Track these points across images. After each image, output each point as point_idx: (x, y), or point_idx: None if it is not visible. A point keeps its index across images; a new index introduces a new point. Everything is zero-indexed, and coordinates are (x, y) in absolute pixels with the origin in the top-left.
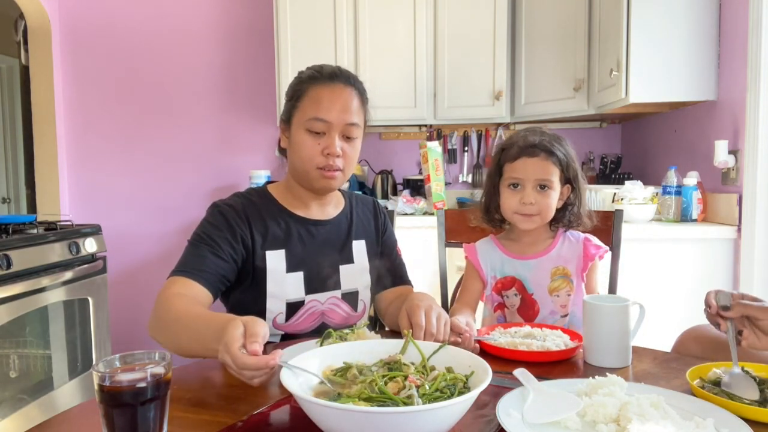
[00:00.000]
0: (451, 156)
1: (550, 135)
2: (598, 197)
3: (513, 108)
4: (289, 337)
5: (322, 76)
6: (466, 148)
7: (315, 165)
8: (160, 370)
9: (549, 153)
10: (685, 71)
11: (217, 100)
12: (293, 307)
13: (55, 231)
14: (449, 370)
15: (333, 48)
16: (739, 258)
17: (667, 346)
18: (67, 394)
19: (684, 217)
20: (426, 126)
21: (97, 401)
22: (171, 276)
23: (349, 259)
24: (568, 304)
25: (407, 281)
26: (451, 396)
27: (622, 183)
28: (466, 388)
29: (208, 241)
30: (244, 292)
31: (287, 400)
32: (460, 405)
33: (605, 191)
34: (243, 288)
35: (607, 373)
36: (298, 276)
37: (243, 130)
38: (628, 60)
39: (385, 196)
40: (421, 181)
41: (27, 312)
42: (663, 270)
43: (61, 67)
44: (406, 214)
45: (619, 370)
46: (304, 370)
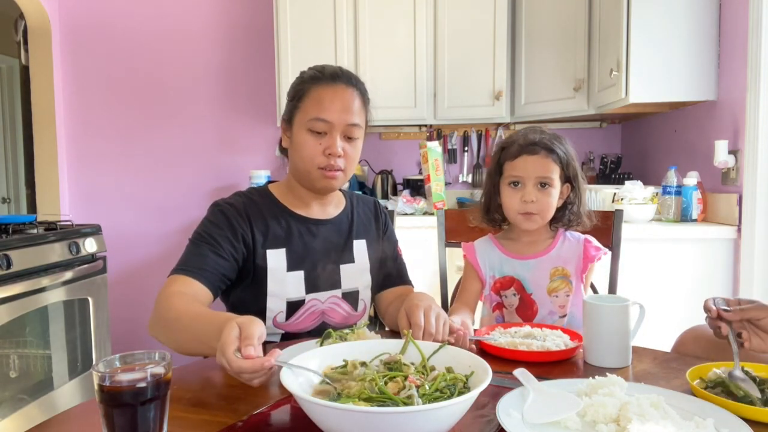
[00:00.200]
0: (451, 156)
1: (550, 134)
2: (598, 197)
3: (513, 108)
4: (289, 336)
5: (324, 76)
6: (466, 148)
7: (316, 165)
8: (160, 370)
9: (549, 150)
10: (685, 71)
11: (217, 100)
12: (293, 306)
13: (55, 231)
14: (449, 370)
15: (333, 48)
16: (739, 258)
17: (667, 346)
18: (67, 394)
19: (684, 217)
20: (426, 126)
21: (97, 401)
22: (172, 274)
23: (349, 259)
24: (567, 305)
25: (407, 281)
26: (451, 396)
27: (622, 183)
28: (466, 388)
29: (208, 239)
30: (244, 291)
31: (287, 400)
32: (460, 405)
33: (605, 191)
34: (243, 286)
35: (607, 373)
36: (299, 275)
37: (243, 130)
38: (628, 60)
39: (385, 196)
40: (421, 181)
41: (27, 312)
42: (663, 270)
43: (61, 67)
44: (406, 214)
45: (619, 370)
46: (303, 368)
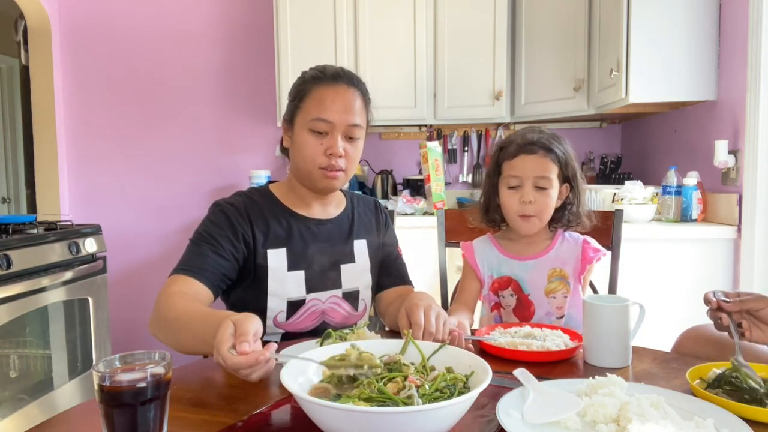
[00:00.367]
0: (451, 156)
1: (548, 133)
2: (598, 197)
3: (513, 108)
4: (289, 336)
5: (325, 76)
6: (466, 148)
7: (317, 165)
8: (160, 370)
9: (547, 150)
10: (685, 71)
11: (217, 100)
12: (294, 306)
13: (55, 231)
14: (449, 370)
15: (333, 48)
16: (739, 258)
17: (667, 346)
18: (67, 394)
19: (684, 217)
20: (426, 126)
21: (97, 401)
22: (172, 274)
23: (350, 259)
24: (565, 306)
25: (408, 281)
26: (451, 396)
27: (622, 183)
28: (466, 388)
29: (209, 239)
30: (245, 291)
31: (287, 400)
32: (460, 405)
33: (605, 191)
34: (244, 286)
35: (607, 373)
36: (299, 275)
37: (243, 130)
38: (628, 60)
39: (385, 196)
40: (421, 181)
41: (27, 312)
42: (663, 270)
43: (61, 67)
44: (406, 214)
45: (619, 370)
46: (303, 358)
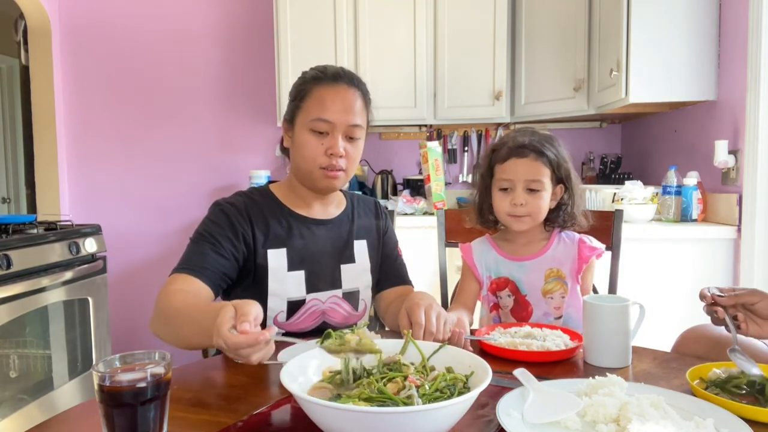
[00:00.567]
0: (451, 156)
1: (540, 135)
2: (598, 197)
3: (513, 108)
4: (289, 336)
5: (325, 76)
6: (466, 148)
7: (318, 165)
8: (160, 370)
9: (539, 153)
10: (685, 71)
11: (217, 100)
12: (294, 306)
13: (55, 231)
14: (449, 370)
15: (333, 48)
16: (739, 258)
17: (667, 346)
18: (67, 394)
19: (684, 217)
20: (426, 126)
21: (97, 401)
22: (173, 273)
23: (350, 259)
24: (562, 306)
25: (408, 281)
26: (451, 396)
27: (622, 183)
28: (466, 388)
29: (209, 238)
30: (245, 290)
31: (287, 400)
32: (460, 405)
33: (605, 191)
34: (244, 286)
35: (607, 373)
36: (300, 275)
37: (243, 130)
38: (628, 60)
39: (385, 196)
40: (421, 181)
41: (27, 312)
42: (663, 270)
43: (61, 67)
44: (406, 214)
45: (619, 370)
46: (293, 340)
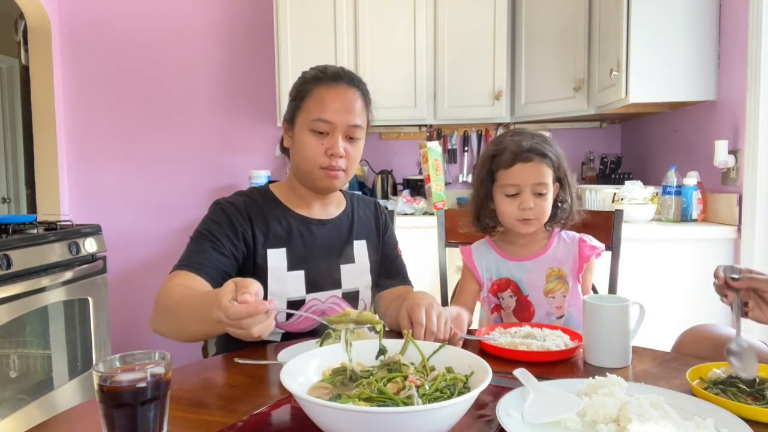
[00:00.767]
0: (451, 156)
1: (538, 136)
2: (598, 197)
3: (513, 108)
4: (289, 336)
5: (326, 76)
6: (466, 148)
7: (318, 165)
8: (160, 370)
9: (542, 156)
10: (685, 71)
11: (217, 100)
12: (294, 306)
13: (55, 231)
14: (449, 370)
15: (333, 48)
16: (739, 258)
17: (667, 346)
18: (67, 394)
19: (684, 217)
20: (426, 126)
21: (97, 401)
22: (173, 271)
23: (350, 259)
24: (564, 305)
25: (407, 282)
26: (451, 396)
27: (622, 183)
28: (466, 388)
29: (209, 236)
30: None
31: (287, 400)
32: (460, 405)
33: (605, 191)
34: None
35: (607, 373)
36: (299, 275)
37: (243, 130)
38: (628, 60)
39: (385, 196)
40: (421, 181)
41: (27, 312)
42: (663, 270)
43: (61, 67)
44: (406, 214)
45: (619, 370)
46: (297, 313)
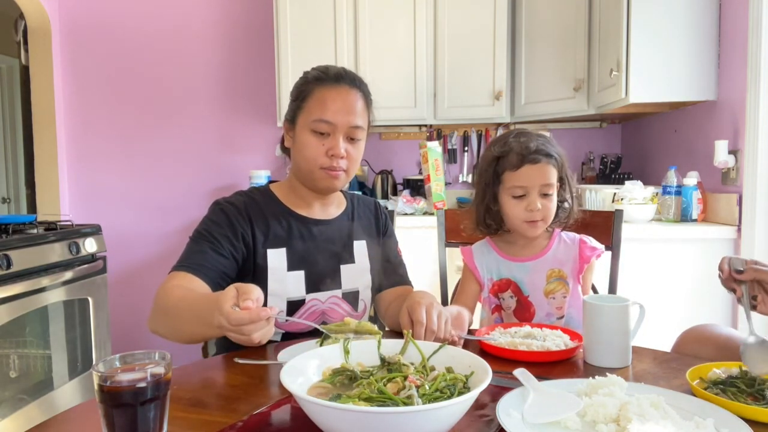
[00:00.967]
0: (451, 156)
1: (542, 137)
2: (598, 197)
3: (513, 108)
4: (289, 336)
5: (327, 77)
6: (466, 148)
7: (319, 165)
8: (160, 370)
9: (548, 156)
10: (685, 71)
11: (217, 100)
12: (294, 306)
13: (55, 231)
14: (449, 370)
15: (333, 48)
16: None
17: (667, 346)
18: (67, 394)
19: (684, 217)
20: (426, 126)
21: (97, 401)
22: (171, 271)
23: (350, 259)
24: (564, 306)
25: (407, 282)
26: (451, 396)
27: (622, 183)
28: (466, 388)
29: (208, 237)
30: None
31: (287, 400)
32: (460, 405)
33: (605, 191)
34: None
35: (607, 373)
36: (299, 275)
37: (243, 130)
38: (628, 60)
39: (385, 196)
40: (421, 181)
41: (27, 312)
42: (663, 270)
43: (61, 67)
44: (406, 214)
45: (619, 370)
46: (300, 320)
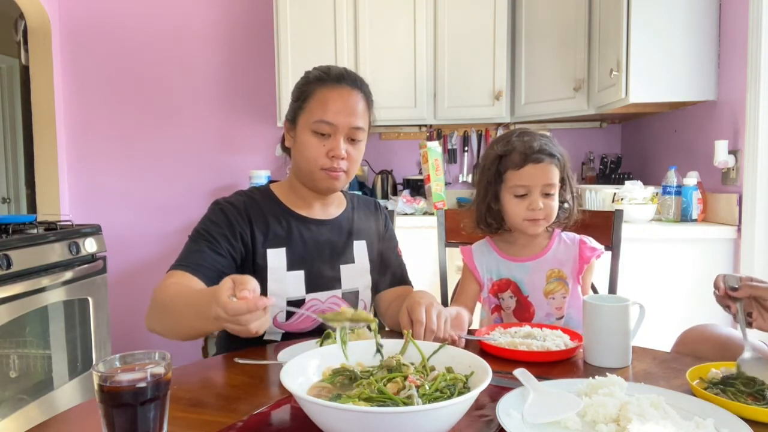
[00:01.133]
0: (451, 156)
1: (544, 137)
2: (598, 197)
3: (513, 108)
4: (289, 336)
5: (329, 77)
6: (466, 148)
7: (319, 166)
8: (160, 370)
9: (551, 156)
10: (685, 71)
11: (217, 100)
12: (294, 306)
13: (55, 231)
14: (449, 370)
15: (333, 48)
16: (739, 258)
17: (667, 346)
18: (67, 394)
19: (684, 217)
20: (426, 126)
21: (97, 401)
22: (170, 270)
23: (350, 259)
24: (564, 307)
25: (407, 282)
26: (451, 396)
27: (622, 183)
28: (466, 388)
29: (206, 236)
30: None
31: (287, 400)
32: (460, 405)
33: (605, 191)
34: None
35: (607, 373)
36: (299, 275)
37: (243, 130)
38: (628, 60)
39: (385, 196)
40: (421, 181)
41: (27, 312)
42: (663, 270)
43: (61, 67)
44: (406, 214)
45: (619, 370)
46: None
